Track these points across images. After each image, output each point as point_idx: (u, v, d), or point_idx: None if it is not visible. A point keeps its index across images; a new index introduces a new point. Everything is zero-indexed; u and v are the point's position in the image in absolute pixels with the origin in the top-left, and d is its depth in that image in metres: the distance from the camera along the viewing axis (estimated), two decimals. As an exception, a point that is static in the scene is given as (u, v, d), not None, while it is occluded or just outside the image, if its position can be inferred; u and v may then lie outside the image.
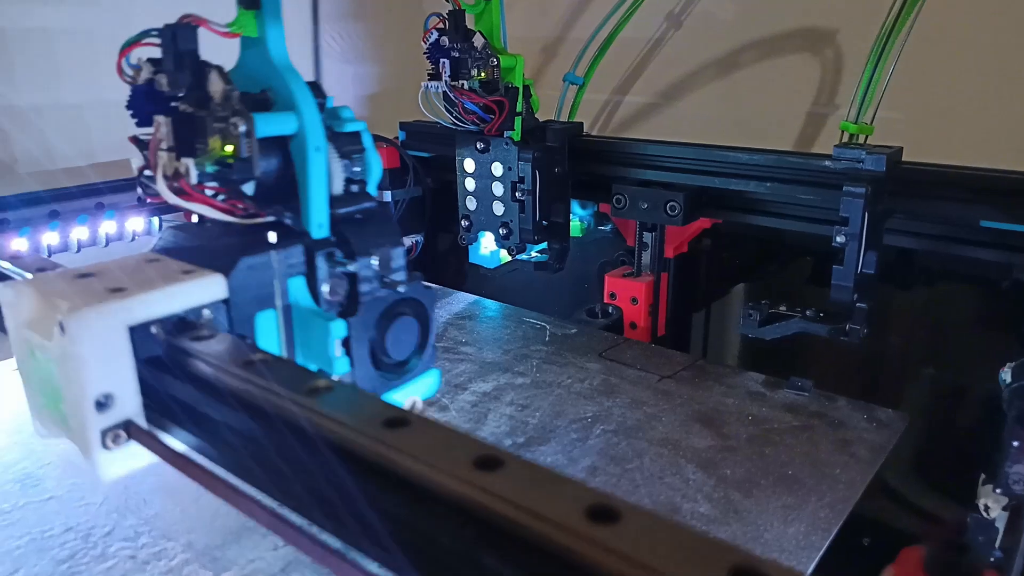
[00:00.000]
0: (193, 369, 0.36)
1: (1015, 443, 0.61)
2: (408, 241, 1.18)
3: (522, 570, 0.22)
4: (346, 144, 0.48)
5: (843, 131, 0.75)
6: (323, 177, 0.46)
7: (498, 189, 0.92)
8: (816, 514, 0.55)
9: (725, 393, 0.72)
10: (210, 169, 0.43)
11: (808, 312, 0.78)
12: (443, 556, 0.24)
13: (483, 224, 0.95)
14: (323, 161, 0.46)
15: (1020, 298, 0.73)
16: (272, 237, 0.45)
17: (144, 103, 0.44)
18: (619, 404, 0.70)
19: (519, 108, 0.87)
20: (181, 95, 0.43)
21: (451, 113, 0.87)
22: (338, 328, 0.46)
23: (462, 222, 0.97)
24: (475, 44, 0.86)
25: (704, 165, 0.84)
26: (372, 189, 0.51)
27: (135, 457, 0.37)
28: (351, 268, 0.47)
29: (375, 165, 0.50)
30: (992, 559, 0.64)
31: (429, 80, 0.86)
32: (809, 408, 0.69)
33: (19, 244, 0.81)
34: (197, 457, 0.34)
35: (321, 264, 0.47)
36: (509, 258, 0.98)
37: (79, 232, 0.86)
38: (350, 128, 0.49)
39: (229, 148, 0.42)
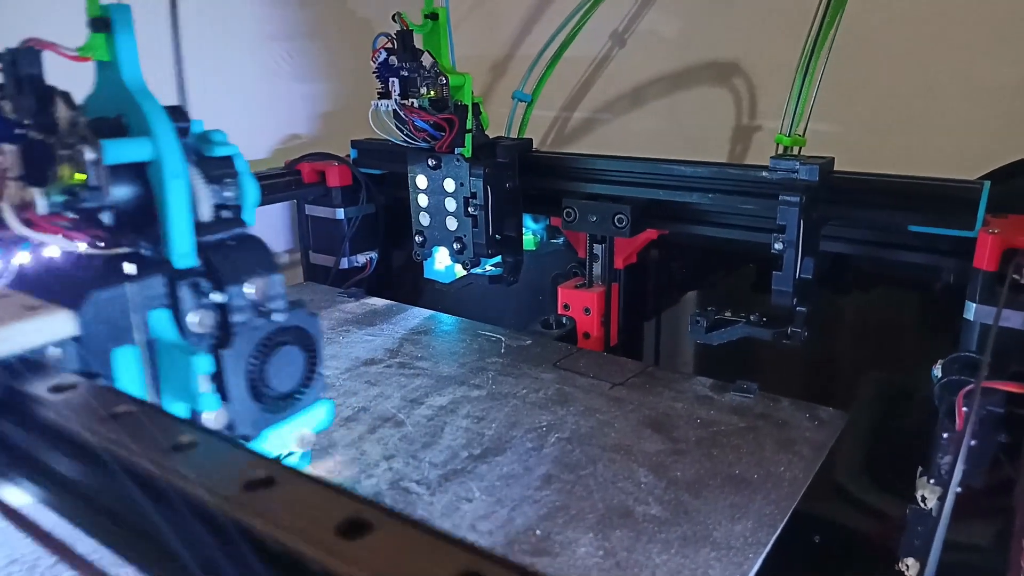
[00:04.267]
0: (42, 418, 0.33)
1: (944, 435, 0.65)
2: (363, 258, 1.17)
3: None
4: (216, 168, 0.46)
5: (778, 144, 0.79)
6: (184, 204, 0.44)
7: (451, 205, 0.93)
8: (762, 511, 0.56)
9: (675, 398, 0.74)
10: (58, 199, 0.41)
11: (752, 317, 0.81)
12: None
13: (437, 239, 0.96)
14: (183, 188, 0.44)
15: (950, 298, 0.76)
16: (129, 268, 0.43)
17: None
18: (573, 412, 0.71)
19: (469, 125, 0.89)
20: (28, 122, 0.41)
21: (402, 131, 0.88)
22: (201, 362, 0.44)
23: (416, 238, 0.98)
24: (424, 63, 0.87)
25: (649, 178, 0.87)
26: (248, 215, 0.48)
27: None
28: (219, 298, 0.45)
29: (250, 190, 0.48)
30: (930, 548, 0.67)
31: (379, 99, 0.87)
32: (754, 410, 0.71)
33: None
34: (40, 510, 0.32)
35: (185, 295, 0.44)
36: (464, 272, 0.99)
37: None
38: (220, 152, 0.47)
39: (80, 176, 0.40)
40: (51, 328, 0.38)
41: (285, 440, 0.53)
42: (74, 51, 0.42)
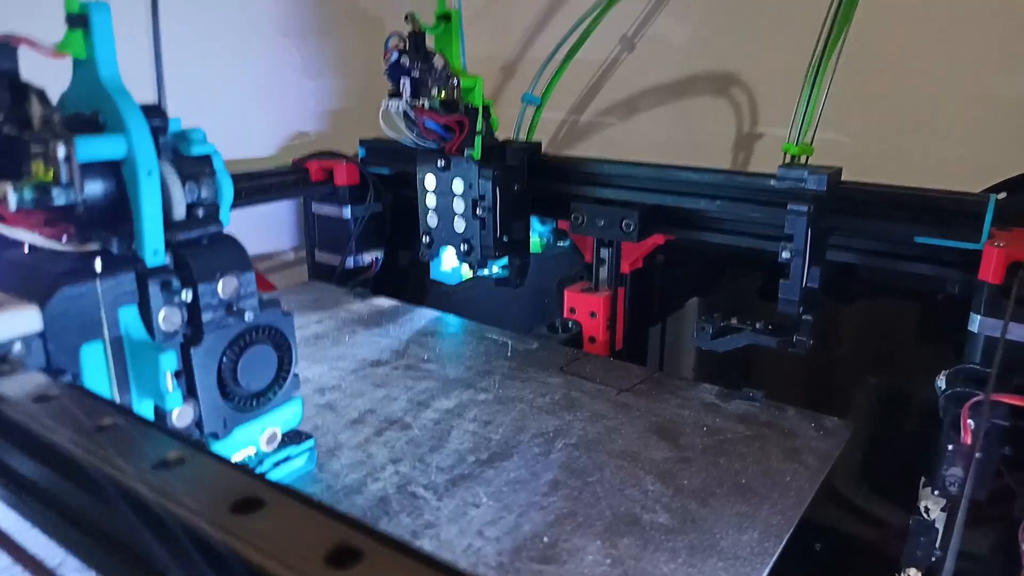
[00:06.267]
0: (24, 429, 0.32)
1: (949, 447, 0.65)
2: (368, 257, 1.18)
3: None
4: (192, 167, 0.46)
5: (786, 152, 0.79)
6: (156, 202, 0.44)
7: (459, 206, 0.93)
8: (768, 521, 0.57)
9: (681, 405, 0.74)
10: (29, 195, 0.40)
11: (758, 325, 0.81)
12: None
13: (444, 240, 0.96)
14: (155, 185, 0.44)
15: (954, 309, 0.77)
16: (98, 265, 0.43)
17: None
18: (580, 418, 0.71)
19: (479, 127, 0.89)
20: (1, 117, 0.42)
21: (411, 131, 0.88)
22: (168, 360, 0.44)
23: (423, 238, 0.98)
24: (435, 64, 0.87)
25: (657, 184, 0.87)
26: (223, 214, 0.48)
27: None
28: (189, 296, 0.45)
29: (226, 189, 0.48)
30: (933, 559, 0.68)
31: (390, 98, 0.87)
32: (760, 418, 0.72)
33: None
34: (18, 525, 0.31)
35: (155, 292, 0.44)
36: (470, 274, 0.99)
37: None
38: (198, 151, 0.47)
39: (51, 173, 0.41)
40: (16, 323, 0.38)
41: (253, 438, 0.53)
42: (51, 47, 0.42)
